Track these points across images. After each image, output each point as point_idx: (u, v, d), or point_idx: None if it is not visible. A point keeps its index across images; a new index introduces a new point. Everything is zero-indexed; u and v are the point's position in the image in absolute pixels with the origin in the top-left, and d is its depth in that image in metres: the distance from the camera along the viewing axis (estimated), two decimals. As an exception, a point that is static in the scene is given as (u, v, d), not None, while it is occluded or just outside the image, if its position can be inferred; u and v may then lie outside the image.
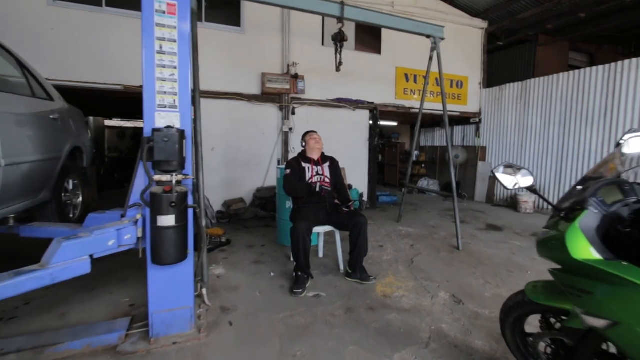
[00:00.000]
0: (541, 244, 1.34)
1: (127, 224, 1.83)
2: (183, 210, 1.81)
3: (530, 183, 1.25)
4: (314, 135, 3.20)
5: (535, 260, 3.53)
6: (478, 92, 7.52)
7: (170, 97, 1.92)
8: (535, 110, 6.36)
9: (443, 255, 3.67)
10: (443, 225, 5.10)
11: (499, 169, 1.25)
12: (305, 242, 2.64)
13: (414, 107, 6.70)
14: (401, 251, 3.78)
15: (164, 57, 1.89)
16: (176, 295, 2.00)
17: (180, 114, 1.95)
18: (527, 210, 6.17)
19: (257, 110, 5.48)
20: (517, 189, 1.24)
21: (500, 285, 2.87)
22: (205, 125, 5.23)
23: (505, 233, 4.71)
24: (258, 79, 5.38)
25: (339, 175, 3.22)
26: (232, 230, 4.60)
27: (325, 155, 3.25)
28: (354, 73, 6.11)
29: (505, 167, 1.24)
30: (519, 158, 6.67)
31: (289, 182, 2.95)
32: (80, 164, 3.24)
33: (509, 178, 1.24)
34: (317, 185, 2.93)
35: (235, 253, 3.64)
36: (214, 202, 5.26)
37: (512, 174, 1.25)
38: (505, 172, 1.24)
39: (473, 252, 3.77)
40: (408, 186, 5.16)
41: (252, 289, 2.75)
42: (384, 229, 4.79)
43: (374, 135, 6.37)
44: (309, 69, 5.65)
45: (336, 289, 2.75)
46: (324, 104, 5.90)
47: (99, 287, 2.69)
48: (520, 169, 1.26)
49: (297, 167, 3.03)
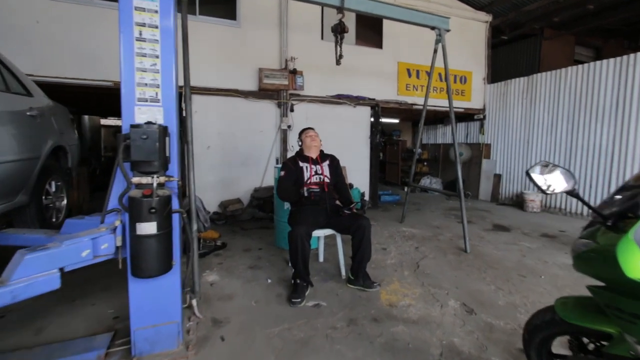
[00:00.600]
0: (580, 257, 1.14)
1: (104, 231, 1.63)
2: (166, 216, 1.62)
3: (572, 186, 1.05)
4: (310, 132, 3.01)
5: (547, 264, 3.34)
6: (482, 88, 7.30)
7: (152, 90, 1.72)
8: (542, 106, 6.15)
9: (450, 258, 3.47)
10: (448, 225, 4.90)
11: (535, 169, 1.05)
12: (304, 248, 2.44)
13: (416, 104, 6.49)
14: (406, 254, 3.59)
15: (144, 45, 1.69)
16: (161, 309, 1.81)
17: (163, 109, 1.75)
18: (534, 209, 5.97)
19: (255, 107, 5.28)
20: (556, 192, 1.04)
21: (513, 292, 2.68)
22: (200, 122, 5.07)
23: (514, 234, 4.51)
24: (255, 75, 5.17)
25: (339, 174, 3.03)
26: (228, 232, 4.41)
27: (324, 153, 3.05)
28: (355, 68, 5.90)
29: (542, 166, 1.04)
30: (525, 155, 6.46)
31: (283, 186, 2.76)
32: (65, 164, 3.04)
33: (548, 178, 1.04)
34: (304, 190, 2.76)
35: (230, 257, 3.45)
36: (210, 202, 5.07)
37: (548, 173, 1.05)
38: (543, 172, 1.04)
39: (481, 255, 3.57)
40: (412, 185, 4.96)
41: (248, 297, 2.56)
42: (387, 230, 4.60)
43: (375, 133, 6.16)
44: (308, 64, 5.45)
45: (337, 298, 2.56)
46: (324, 100, 5.69)
47: (80, 298, 2.50)
48: (557, 167, 1.06)
49: (293, 167, 2.84)
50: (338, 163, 3.07)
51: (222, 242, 3.77)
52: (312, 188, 2.80)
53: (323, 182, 2.87)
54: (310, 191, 2.75)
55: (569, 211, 5.70)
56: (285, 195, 2.78)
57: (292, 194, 2.75)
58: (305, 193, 2.77)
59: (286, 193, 2.75)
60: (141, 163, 1.56)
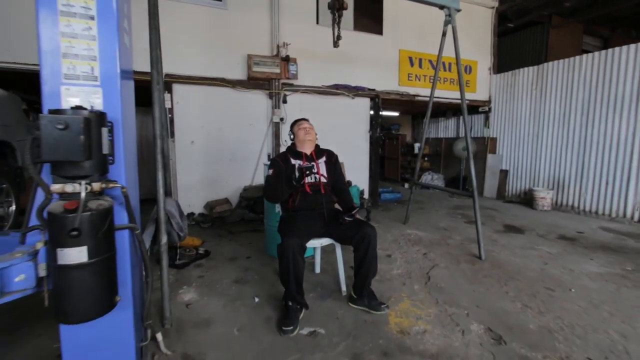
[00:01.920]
0: None
1: (19, 257, 1.18)
2: (104, 236, 1.17)
3: None
4: (303, 124, 2.56)
5: (573, 273, 2.95)
6: (487, 78, 6.88)
7: (86, 64, 1.26)
8: (553, 97, 5.75)
9: (464, 267, 3.07)
10: (456, 227, 4.50)
11: None
12: (297, 264, 2.01)
13: (419, 95, 6.06)
14: (413, 262, 3.18)
15: (72, 2, 1.23)
16: (108, 356, 1.37)
17: (103, 90, 1.29)
18: (545, 207, 5.59)
19: (243, 98, 4.80)
20: None
21: (543, 312, 2.27)
22: (182, 115, 4.58)
23: (528, 236, 4.12)
24: (243, 62, 4.69)
25: (338, 172, 2.59)
26: (213, 237, 3.96)
27: (320, 149, 2.61)
28: (353, 56, 5.43)
29: None
30: (534, 150, 6.07)
31: (270, 186, 2.32)
32: (13, 163, 2.56)
33: None
34: (296, 196, 2.33)
35: (213, 269, 3.01)
36: (195, 203, 4.62)
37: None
38: None
39: (498, 263, 3.17)
40: (416, 183, 4.54)
41: (229, 323, 2.12)
42: (390, 232, 4.18)
43: (375, 126, 5.72)
44: (302, 51, 4.97)
45: (338, 322, 2.13)
46: (320, 90, 5.23)
47: (30, 325, 2.05)
48: None
49: (283, 165, 2.40)
50: (336, 159, 2.64)
51: (205, 250, 3.33)
52: (305, 190, 2.37)
53: (319, 183, 2.43)
54: (302, 168, 2.17)
55: (582, 209, 5.32)
56: (273, 196, 2.33)
57: (281, 194, 2.29)
58: (298, 197, 2.33)
59: (275, 194, 2.30)
60: (64, 164, 1.11)
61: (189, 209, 4.59)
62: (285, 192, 2.26)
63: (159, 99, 2.08)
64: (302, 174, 2.13)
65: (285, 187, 2.23)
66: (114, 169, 1.30)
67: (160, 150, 2.06)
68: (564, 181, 5.59)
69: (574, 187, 5.45)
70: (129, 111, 1.51)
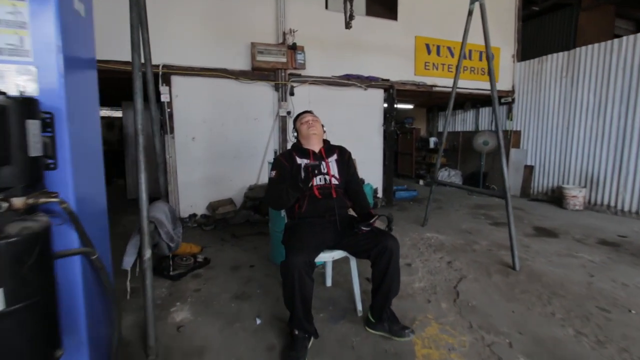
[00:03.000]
0: None
1: None
2: (33, 271, 0.84)
3: None
4: (305, 117, 2.19)
5: (627, 288, 2.52)
6: (511, 67, 6.36)
7: (12, 33, 0.92)
8: (586, 85, 5.22)
9: (496, 279, 2.67)
10: (480, 229, 4.08)
11: None
12: (304, 286, 1.66)
13: (436, 85, 5.61)
14: (437, 273, 2.80)
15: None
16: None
17: (37, 70, 0.95)
18: (577, 206, 5.11)
19: (248, 91, 4.45)
20: None
21: (603, 341, 1.87)
22: (182, 109, 4.24)
23: (564, 240, 3.68)
24: (247, 51, 4.33)
25: (352, 173, 2.22)
26: (215, 241, 3.65)
27: (330, 145, 2.25)
28: (365, 44, 5.02)
29: None
30: (564, 143, 5.56)
31: (273, 190, 1.97)
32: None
33: None
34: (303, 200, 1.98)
35: (212, 280, 2.69)
36: (197, 204, 4.32)
37: None
38: None
39: (536, 274, 2.76)
40: (437, 182, 4.13)
41: (226, 353, 1.79)
42: (408, 236, 3.80)
43: (389, 119, 5.31)
44: (310, 39, 4.58)
45: (354, 354, 1.78)
46: (330, 81, 4.84)
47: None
48: None
49: (288, 166, 2.05)
50: (349, 157, 2.27)
51: (205, 258, 3.01)
52: (314, 194, 2.01)
53: (330, 185, 2.07)
54: (309, 167, 1.80)
55: (620, 209, 4.82)
56: (277, 203, 1.98)
57: (286, 200, 1.93)
58: (305, 203, 1.98)
59: (279, 200, 1.95)
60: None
61: (191, 210, 4.30)
62: (291, 197, 1.90)
63: (139, 88, 1.74)
64: (309, 173, 1.77)
65: (290, 192, 1.87)
66: (57, 177, 0.97)
67: (144, 149, 1.73)
68: (599, 178, 5.08)
69: (610, 184, 4.94)
70: (85, 100, 1.17)
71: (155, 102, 2.55)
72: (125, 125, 5.50)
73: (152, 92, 2.48)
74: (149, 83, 2.41)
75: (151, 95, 2.47)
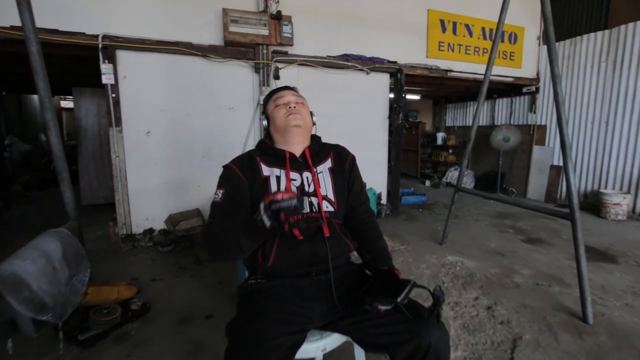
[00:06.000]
0: None
1: None
2: None
3: None
4: (284, 95, 1.27)
5: None
6: (536, 50, 5.47)
7: None
8: (633, 71, 4.34)
9: (566, 342, 1.80)
10: (514, 250, 3.21)
11: None
12: None
13: (452, 70, 4.71)
14: (477, 329, 1.92)
15: None
16: None
17: None
18: (619, 216, 4.26)
19: (219, 71, 3.51)
20: None
21: None
22: (134, 94, 2.86)
23: (627, 267, 2.82)
24: (218, 20, 3.38)
25: (357, 190, 1.32)
26: (170, 269, 2.75)
27: (322, 145, 1.33)
28: (368, 18, 4.10)
29: None
30: (601, 140, 4.70)
31: (214, 231, 1.05)
32: None
33: None
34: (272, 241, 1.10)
35: (143, 347, 1.78)
36: (155, 216, 3.40)
37: None
38: None
39: (619, 333, 1.89)
40: (460, 189, 3.25)
41: None
42: (424, 259, 2.93)
43: (397, 110, 4.40)
44: (299, 8, 3.65)
45: None
46: (324, 62, 3.91)
47: None
48: None
49: (245, 181, 1.16)
50: (353, 164, 1.36)
51: (143, 304, 2.10)
52: (291, 233, 1.09)
53: (319, 215, 1.16)
54: (296, 223, 0.95)
55: (675, 220, 3.98)
56: (220, 253, 1.06)
57: (236, 247, 0.99)
58: (274, 248, 1.09)
59: (224, 250, 1.03)
60: None
61: (147, 224, 3.38)
62: (246, 248, 1.00)
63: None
64: (282, 217, 0.86)
65: (244, 239, 0.97)
66: None
67: None
68: (646, 182, 4.24)
69: (663, 190, 4.10)
70: None
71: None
72: (78, 116, 4.54)
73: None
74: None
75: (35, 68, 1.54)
